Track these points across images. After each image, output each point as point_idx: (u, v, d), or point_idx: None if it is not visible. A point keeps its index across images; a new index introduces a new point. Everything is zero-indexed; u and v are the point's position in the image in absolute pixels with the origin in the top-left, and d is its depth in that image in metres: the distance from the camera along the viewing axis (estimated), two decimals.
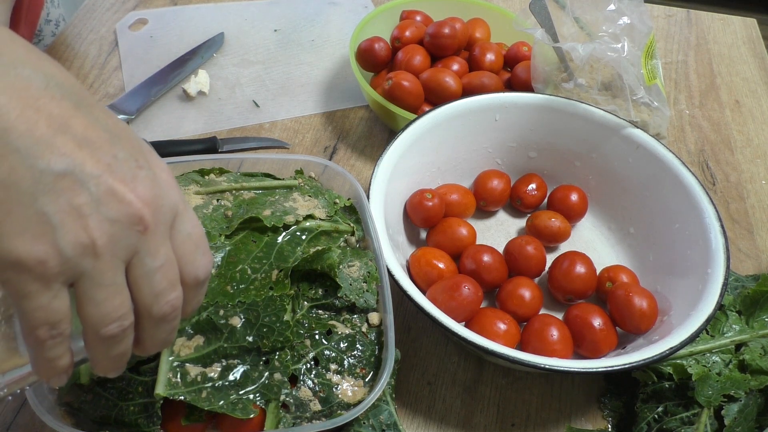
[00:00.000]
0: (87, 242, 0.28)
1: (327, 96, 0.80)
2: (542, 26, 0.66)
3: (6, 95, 0.26)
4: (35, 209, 0.26)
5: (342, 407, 0.43)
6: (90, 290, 0.29)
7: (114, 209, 0.28)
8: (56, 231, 0.27)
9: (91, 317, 0.29)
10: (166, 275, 0.31)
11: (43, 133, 0.27)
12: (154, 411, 0.41)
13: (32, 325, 0.28)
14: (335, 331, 0.46)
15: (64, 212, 0.27)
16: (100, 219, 0.28)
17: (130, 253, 0.30)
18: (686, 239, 0.56)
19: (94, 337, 0.30)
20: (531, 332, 0.52)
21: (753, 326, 0.53)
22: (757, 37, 0.96)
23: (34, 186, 0.26)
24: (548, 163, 0.67)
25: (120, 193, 0.29)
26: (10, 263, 0.26)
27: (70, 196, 0.27)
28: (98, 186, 0.28)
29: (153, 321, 0.32)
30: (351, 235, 0.51)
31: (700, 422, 0.48)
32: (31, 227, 0.26)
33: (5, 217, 0.26)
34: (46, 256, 0.27)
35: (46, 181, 0.27)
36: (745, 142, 0.79)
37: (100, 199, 0.28)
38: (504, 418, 0.52)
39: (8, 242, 0.26)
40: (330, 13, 0.92)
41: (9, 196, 0.26)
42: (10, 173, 0.26)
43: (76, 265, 0.28)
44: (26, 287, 0.27)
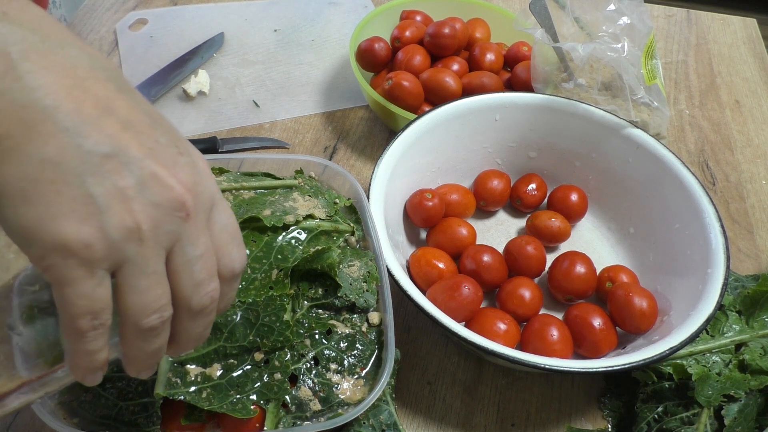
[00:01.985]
0: (132, 226, 0.27)
1: (327, 96, 0.80)
2: (542, 26, 0.66)
3: (54, 74, 0.26)
4: (82, 191, 0.26)
5: (342, 407, 0.43)
6: (132, 278, 0.28)
7: (157, 193, 0.28)
8: (102, 214, 0.26)
9: (132, 307, 0.28)
10: (206, 265, 0.31)
11: (89, 114, 0.26)
12: (153, 411, 0.41)
13: (74, 314, 0.27)
14: (335, 330, 0.46)
15: (110, 195, 0.26)
16: (144, 203, 0.27)
17: (172, 240, 0.29)
18: (686, 239, 0.56)
19: (133, 330, 0.29)
20: (531, 332, 0.52)
21: (753, 326, 0.53)
22: (757, 37, 0.96)
23: (81, 166, 0.26)
24: (548, 163, 0.67)
25: (163, 178, 0.28)
26: (56, 246, 0.25)
27: (115, 178, 0.27)
28: (142, 169, 0.27)
29: (191, 313, 0.31)
30: (351, 235, 0.51)
31: (700, 422, 0.48)
32: (78, 209, 0.26)
33: (54, 198, 0.25)
34: (92, 240, 0.26)
35: (93, 162, 0.26)
36: (745, 142, 0.79)
37: (144, 183, 0.27)
38: (504, 418, 0.52)
39: (55, 224, 0.25)
40: (330, 13, 0.92)
41: (57, 176, 0.25)
42: (58, 152, 0.25)
43: (120, 250, 0.27)
44: (70, 273, 0.26)
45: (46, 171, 0.25)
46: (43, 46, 0.26)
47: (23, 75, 0.25)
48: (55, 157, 0.25)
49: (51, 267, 0.26)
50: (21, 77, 0.25)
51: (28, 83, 0.25)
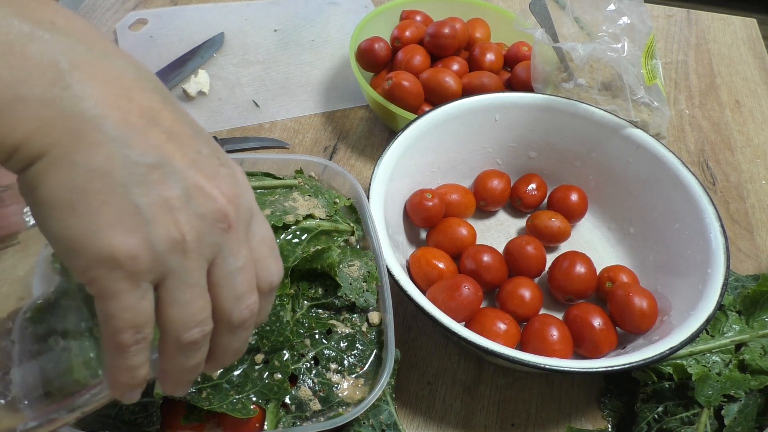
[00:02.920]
0: (178, 237, 0.27)
1: (327, 96, 0.80)
2: (542, 26, 0.66)
3: (102, 84, 0.26)
4: (129, 201, 0.25)
5: (342, 407, 0.43)
6: (175, 290, 0.27)
7: (201, 204, 0.28)
8: (148, 225, 0.26)
9: (174, 321, 0.28)
10: (246, 277, 0.30)
11: (136, 124, 0.26)
12: (153, 411, 0.41)
13: (118, 328, 0.26)
14: (335, 330, 0.46)
15: (155, 205, 0.26)
16: (189, 214, 0.27)
17: (214, 252, 0.29)
18: (686, 239, 0.56)
19: (174, 344, 0.28)
20: (531, 332, 0.52)
21: (753, 326, 0.53)
22: (757, 37, 0.96)
23: (128, 177, 0.25)
24: (548, 163, 0.67)
25: (206, 189, 0.28)
26: (103, 258, 0.25)
27: (161, 189, 0.26)
28: (186, 180, 0.27)
29: (231, 327, 0.30)
30: (351, 235, 0.51)
31: (700, 422, 0.48)
32: (125, 219, 0.25)
33: (101, 208, 0.25)
34: (138, 251, 0.25)
35: (140, 172, 0.26)
36: (745, 142, 0.79)
37: (188, 194, 0.27)
38: (504, 418, 0.52)
39: (102, 235, 0.25)
40: (330, 13, 0.92)
41: (105, 186, 0.25)
42: (106, 162, 0.25)
43: (164, 261, 0.27)
44: (115, 286, 0.25)
45: (94, 181, 0.25)
46: (90, 56, 0.26)
47: (72, 84, 0.25)
48: (103, 167, 0.25)
49: (96, 279, 0.25)
50: (70, 87, 0.24)
51: (77, 93, 0.25)
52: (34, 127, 0.24)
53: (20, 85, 0.23)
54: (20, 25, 0.24)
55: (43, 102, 0.24)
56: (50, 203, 0.24)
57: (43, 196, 0.24)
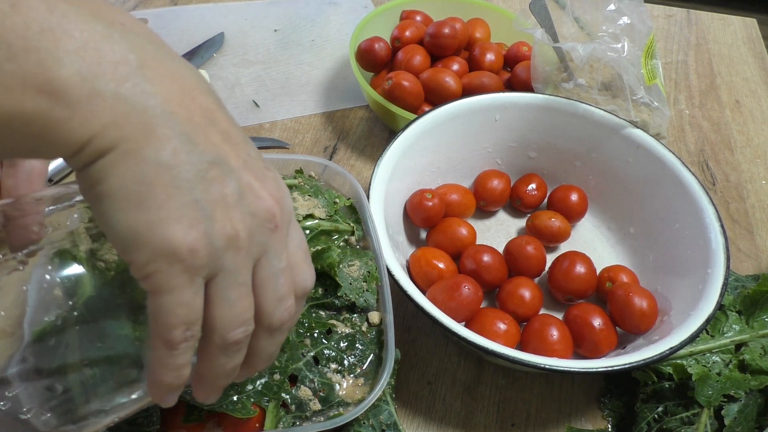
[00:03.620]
0: (233, 234, 0.27)
1: (327, 96, 0.80)
2: (542, 26, 0.66)
3: (169, 82, 0.26)
4: (192, 196, 0.26)
5: (342, 407, 0.43)
6: (225, 288, 0.28)
7: (252, 203, 0.29)
8: (208, 220, 0.26)
9: (222, 319, 0.28)
10: (287, 280, 0.31)
11: (198, 122, 0.27)
12: (153, 411, 0.41)
13: (170, 324, 0.26)
14: (335, 330, 0.46)
15: (214, 201, 0.27)
16: (242, 211, 0.28)
17: (261, 252, 0.29)
18: (686, 239, 0.56)
19: (218, 344, 0.29)
20: (531, 332, 0.52)
21: (753, 326, 0.53)
22: (757, 37, 0.96)
23: (192, 172, 0.26)
24: (548, 163, 0.67)
25: (256, 189, 0.29)
26: (165, 251, 0.25)
27: (219, 186, 0.27)
28: (240, 179, 0.28)
29: (270, 329, 0.31)
30: (351, 235, 0.51)
31: (700, 422, 0.48)
32: (187, 214, 0.26)
33: (166, 201, 0.25)
34: (198, 245, 0.26)
35: (202, 168, 0.26)
36: (745, 142, 0.79)
37: (242, 192, 0.28)
38: (504, 418, 0.52)
39: (166, 228, 0.25)
40: (330, 13, 0.92)
41: (171, 180, 0.25)
42: (172, 157, 0.25)
43: (219, 258, 0.27)
44: (173, 280, 0.26)
45: (161, 175, 0.25)
46: (157, 55, 0.27)
47: (143, 81, 0.25)
48: (169, 161, 0.25)
49: (155, 273, 0.26)
50: (140, 83, 0.25)
51: (147, 89, 0.25)
52: (108, 120, 0.24)
53: (96, 80, 0.24)
54: (94, 24, 0.24)
55: (116, 96, 0.24)
56: (117, 195, 0.25)
57: (110, 189, 0.25)
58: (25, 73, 0.22)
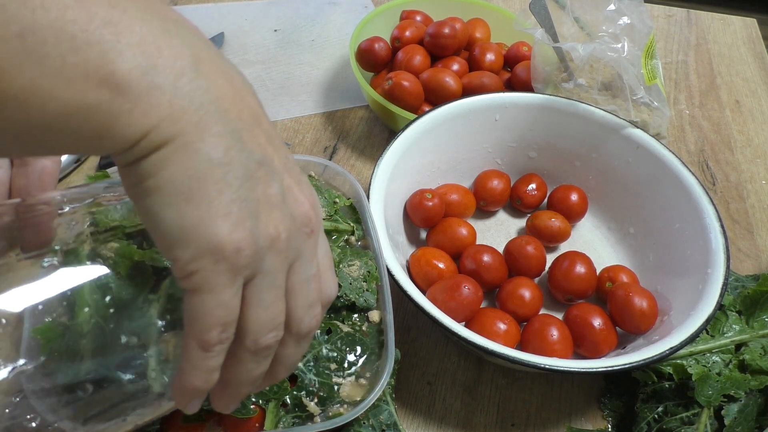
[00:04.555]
0: (275, 235, 0.27)
1: (327, 96, 0.80)
2: (542, 26, 0.66)
3: (221, 80, 0.26)
4: (240, 194, 0.26)
5: (342, 407, 0.43)
6: (262, 291, 0.27)
7: (293, 206, 0.29)
8: (253, 219, 0.26)
9: (256, 322, 0.28)
10: (317, 286, 0.31)
11: (247, 122, 0.27)
12: None
13: (208, 325, 0.26)
14: (335, 330, 0.46)
15: (260, 201, 0.27)
16: (284, 213, 0.28)
17: (295, 256, 0.29)
18: (686, 239, 0.56)
19: (250, 348, 0.28)
20: (531, 332, 0.52)
21: (753, 326, 0.53)
22: (757, 37, 0.96)
23: (241, 170, 0.26)
24: (548, 163, 0.67)
25: (296, 193, 0.29)
26: (212, 248, 0.25)
27: (264, 186, 0.27)
28: (282, 181, 0.28)
29: (298, 336, 0.30)
30: (351, 235, 0.51)
31: (700, 422, 0.48)
32: (235, 212, 0.26)
33: (216, 198, 0.25)
34: (243, 245, 0.26)
35: (250, 167, 0.27)
36: (745, 142, 0.79)
37: (284, 194, 0.28)
38: (504, 418, 0.52)
39: (214, 225, 0.25)
40: (330, 13, 0.92)
41: (222, 177, 0.25)
42: (224, 154, 0.25)
43: (261, 259, 0.27)
44: (216, 279, 0.25)
45: (213, 171, 0.25)
46: (209, 53, 0.27)
47: (198, 77, 0.25)
48: (221, 158, 0.25)
49: (199, 271, 0.25)
50: (197, 79, 0.25)
51: (203, 85, 0.25)
52: (166, 113, 0.24)
53: (155, 74, 0.24)
54: (152, 19, 0.25)
55: (174, 91, 0.24)
56: (168, 190, 0.24)
57: (161, 183, 0.24)
58: (87, 66, 0.22)
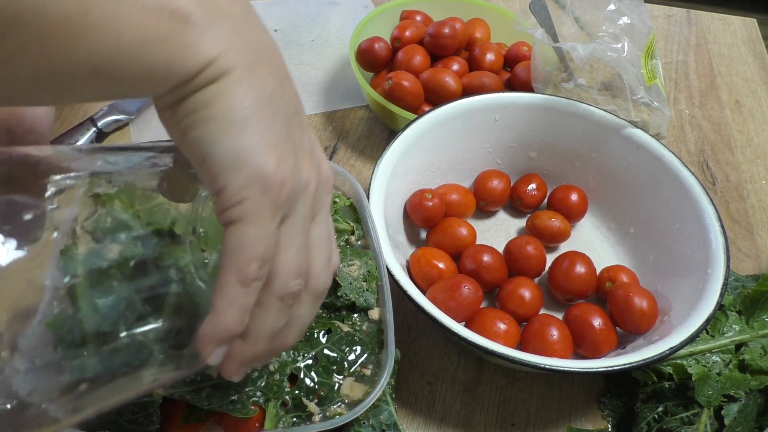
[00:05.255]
0: (309, 179, 0.29)
1: (327, 96, 0.80)
2: (542, 26, 0.66)
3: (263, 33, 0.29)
4: (285, 132, 0.28)
5: (342, 407, 0.43)
6: (293, 233, 0.28)
7: (318, 159, 0.31)
8: (295, 157, 0.28)
9: (286, 265, 0.28)
10: (331, 245, 0.32)
11: (283, 75, 0.30)
12: (153, 410, 0.41)
13: (249, 257, 0.27)
14: (335, 330, 0.46)
15: (298, 143, 0.29)
16: (314, 163, 0.30)
17: (317, 210, 0.30)
18: (686, 239, 0.56)
19: (277, 292, 0.28)
20: (531, 332, 0.52)
21: (753, 326, 0.53)
22: (757, 37, 0.96)
23: (286, 110, 0.28)
24: (548, 163, 0.67)
25: (317, 150, 0.32)
26: (261, 177, 0.26)
27: (301, 132, 0.30)
28: (310, 135, 0.31)
29: (315, 294, 0.31)
30: (351, 235, 0.51)
31: (700, 422, 0.48)
32: (281, 147, 0.27)
33: (267, 130, 0.27)
34: (287, 178, 0.27)
35: (291, 112, 0.29)
36: (745, 142, 0.79)
37: (312, 147, 0.31)
38: (504, 418, 0.52)
39: (264, 155, 0.26)
40: (330, 13, 0.92)
41: (271, 112, 0.27)
42: (273, 93, 0.27)
43: (296, 199, 0.28)
44: (260, 210, 0.27)
45: (264, 106, 0.27)
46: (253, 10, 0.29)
47: (249, 24, 0.28)
48: (271, 96, 0.27)
49: (247, 200, 0.26)
50: (248, 25, 0.28)
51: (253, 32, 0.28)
52: (225, 47, 0.26)
53: (216, 12, 0.26)
54: None
55: (233, 28, 0.26)
56: (225, 118, 0.26)
57: (218, 112, 0.26)
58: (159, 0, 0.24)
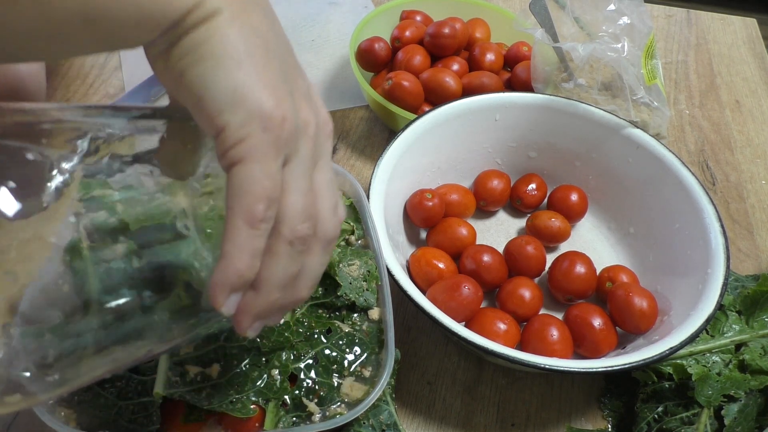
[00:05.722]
0: (308, 120, 0.29)
1: (327, 96, 0.80)
2: (542, 26, 0.66)
3: None
4: (282, 71, 0.28)
5: (342, 407, 0.43)
6: (299, 176, 0.28)
7: (317, 106, 0.31)
8: (293, 97, 0.28)
9: (293, 207, 0.28)
10: (336, 193, 0.31)
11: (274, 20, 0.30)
12: (153, 410, 0.41)
13: (256, 196, 0.26)
14: (335, 330, 0.46)
15: (294, 85, 0.29)
16: (311, 104, 0.30)
17: (319, 155, 0.30)
18: (686, 239, 0.56)
19: (286, 236, 0.28)
20: (531, 332, 0.52)
21: (753, 326, 0.53)
22: (757, 37, 0.96)
23: (281, 49, 0.29)
24: (548, 163, 0.67)
25: (315, 97, 0.31)
26: (261, 113, 0.26)
27: (295, 74, 0.30)
28: (305, 82, 0.31)
29: (325, 240, 0.30)
30: (351, 234, 0.51)
31: (700, 422, 0.48)
32: (279, 85, 0.27)
33: (264, 68, 0.27)
34: (288, 116, 0.27)
35: (284, 54, 0.29)
36: (745, 142, 0.79)
37: (309, 93, 0.31)
38: (504, 418, 0.52)
39: (263, 92, 0.26)
40: (330, 13, 0.92)
41: (266, 51, 0.27)
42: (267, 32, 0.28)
43: (297, 139, 0.28)
44: (263, 147, 0.26)
45: (259, 45, 0.27)
46: None
47: None
48: (264, 35, 0.27)
49: (248, 137, 0.26)
50: None
51: None
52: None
53: None
54: None
55: None
56: (221, 54, 0.26)
57: (213, 49, 0.26)
58: None
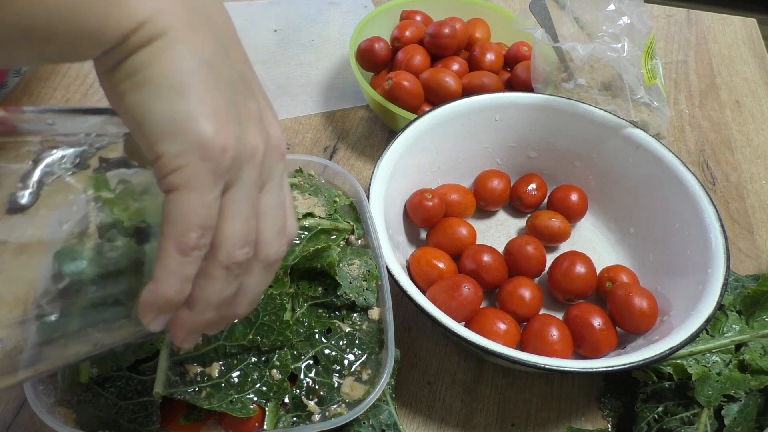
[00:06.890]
0: (255, 145, 0.28)
1: (327, 96, 0.80)
2: (542, 26, 0.66)
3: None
4: (227, 98, 0.27)
5: (342, 407, 0.43)
6: (238, 202, 0.27)
7: (269, 126, 0.30)
8: (239, 124, 0.27)
9: (231, 234, 0.27)
10: (285, 214, 0.31)
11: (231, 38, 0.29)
12: (153, 410, 0.41)
13: (189, 225, 0.26)
14: (335, 329, 0.46)
15: (244, 110, 0.28)
16: (261, 130, 0.29)
17: (268, 177, 0.30)
18: (686, 239, 0.56)
19: (222, 262, 0.27)
20: (531, 332, 0.52)
21: (753, 326, 0.53)
22: (757, 37, 0.96)
23: (229, 75, 0.27)
24: (548, 163, 0.67)
25: (268, 116, 0.30)
26: (198, 144, 0.25)
27: (247, 98, 0.29)
28: (258, 102, 0.30)
29: (267, 263, 0.30)
30: (351, 234, 0.51)
31: (700, 422, 0.48)
32: (223, 114, 0.26)
33: (205, 96, 0.26)
34: (228, 145, 0.26)
35: (234, 77, 0.28)
36: (745, 142, 0.79)
37: (261, 113, 0.29)
38: (504, 418, 0.52)
39: (202, 122, 0.25)
40: (330, 13, 0.92)
41: (211, 77, 0.26)
42: (213, 57, 0.26)
43: (240, 167, 0.27)
44: (200, 177, 0.26)
45: (203, 71, 0.26)
46: None
47: None
48: (211, 60, 0.26)
49: (185, 167, 0.25)
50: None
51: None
52: (159, 8, 0.25)
53: None
54: None
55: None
56: (161, 83, 0.25)
57: (153, 76, 0.25)
58: None
